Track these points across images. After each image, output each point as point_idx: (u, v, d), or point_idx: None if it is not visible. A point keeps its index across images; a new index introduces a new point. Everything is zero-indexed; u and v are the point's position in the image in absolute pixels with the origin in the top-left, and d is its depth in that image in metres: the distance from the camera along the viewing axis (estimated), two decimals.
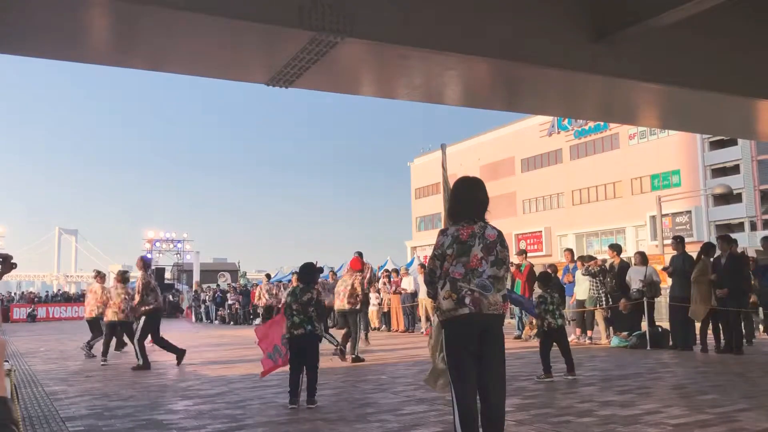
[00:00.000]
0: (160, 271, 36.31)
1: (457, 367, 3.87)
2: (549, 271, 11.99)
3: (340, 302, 10.50)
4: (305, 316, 6.47)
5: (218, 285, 34.86)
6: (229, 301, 26.65)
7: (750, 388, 6.78)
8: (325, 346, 7.74)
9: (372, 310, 19.61)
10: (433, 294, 4.08)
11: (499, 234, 4.05)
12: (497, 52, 7.39)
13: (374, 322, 19.36)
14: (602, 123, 48.60)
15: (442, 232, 4.06)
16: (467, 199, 4.11)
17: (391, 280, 18.78)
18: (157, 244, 49.48)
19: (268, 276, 23.60)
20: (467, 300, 3.81)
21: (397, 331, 17.84)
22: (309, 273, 6.78)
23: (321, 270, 6.98)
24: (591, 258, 12.86)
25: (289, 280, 20.39)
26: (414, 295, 17.50)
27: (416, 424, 5.31)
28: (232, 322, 25.64)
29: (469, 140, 63.78)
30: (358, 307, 10.49)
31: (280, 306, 17.25)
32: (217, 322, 26.98)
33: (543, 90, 9.01)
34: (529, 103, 10.09)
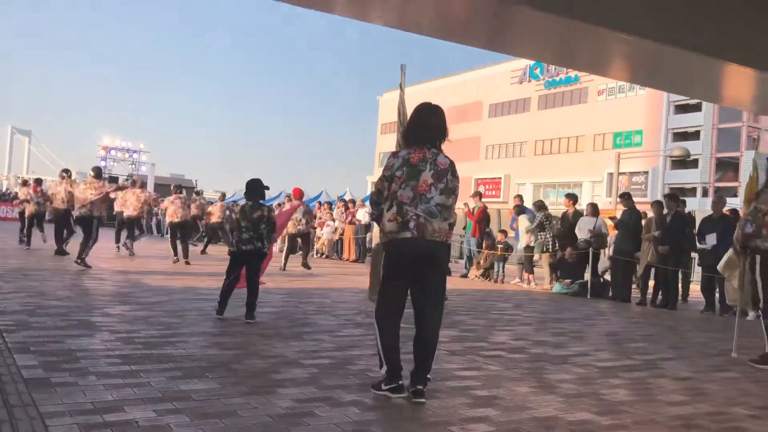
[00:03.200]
0: (113, 180, 35.57)
1: (389, 288, 3.92)
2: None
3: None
4: (255, 233, 6.43)
5: None
6: None
7: (678, 339, 7.03)
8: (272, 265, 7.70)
9: (325, 238, 19.68)
10: (376, 215, 4.03)
11: (451, 163, 3.99)
12: None
13: (326, 250, 19.45)
14: (573, 76, 48.63)
15: (393, 155, 4.00)
16: (423, 124, 4.04)
17: (347, 210, 18.78)
18: (113, 152, 48.30)
19: (223, 195, 23.37)
20: (411, 224, 3.79)
21: (348, 260, 17.97)
22: (256, 189, 6.65)
23: (267, 188, 6.90)
24: (542, 206, 13.02)
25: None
26: (368, 226, 17.56)
27: (351, 345, 5.36)
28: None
29: (438, 80, 63.13)
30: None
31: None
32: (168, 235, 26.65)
33: (519, 30, 8.83)
34: (502, 42, 9.87)
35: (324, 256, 19.34)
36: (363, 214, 17.96)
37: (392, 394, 3.77)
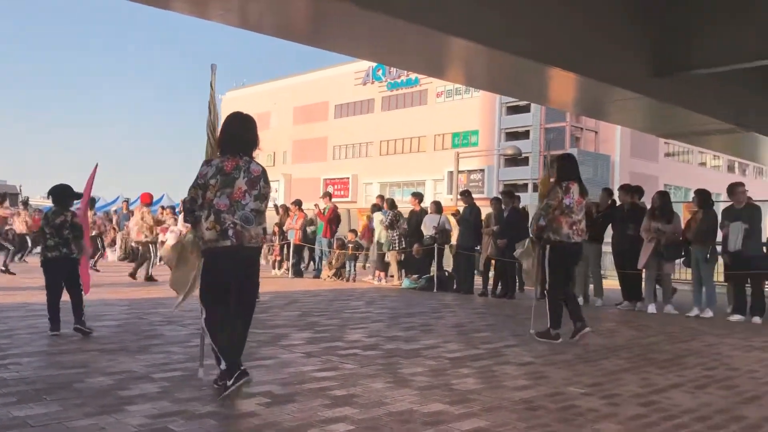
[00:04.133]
0: None
1: (213, 295, 4.07)
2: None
3: (136, 235, 12.49)
4: (60, 239, 6.18)
5: None
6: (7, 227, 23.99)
7: (517, 327, 7.51)
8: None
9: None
10: (192, 221, 4.14)
11: (263, 170, 4.19)
12: None
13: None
14: (413, 78, 50.33)
15: (206, 163, 4.13)
16: (237, 134, 4.19)
17: None
18: None
19: (27, 200, 21.65)
20: (230, 232, 3.95)
21: None
22: (60, 195, 6.38)
23: (78, 195, 6.59)
24: (393, 204, 13.38)
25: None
26: None
27: (203, 355, 5.17)
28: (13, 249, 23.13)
29: (285, 79, 62.78)
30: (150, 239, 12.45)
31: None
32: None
33: (354, 30, 8.98)
34: (342, 42, 9.99)
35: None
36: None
37: (238, 380, 3.80)
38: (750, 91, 12.87)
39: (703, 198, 9.29)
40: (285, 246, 15.29)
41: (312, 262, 15.40)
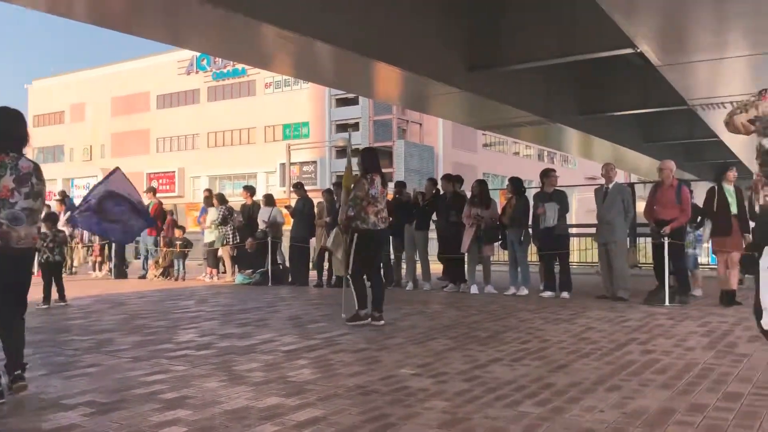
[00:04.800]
0: None
1: None
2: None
3: None
4: None
5: None
6: None
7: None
8: None
9: None
10: None
11: (36, 166, 4.12)
12: None
13: None
14: (240, 68, 49.28)
15: None
16: (4, 130, 4.07)
17: None
18: None
19: None
20: None
21: None
22: None
23: None
24: (223, 198, 13.05)
25: None
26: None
27: None
28: None
29: (100, 68, 58.66)
30: None
31: None
32: None
33: (175, 19, 8.66)
34: (161, 32, 9.57)
35: None
36: None
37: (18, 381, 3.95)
38: (555, 86, 14.14)
39: (516, 185, 10.06)
40: (106, 246, 14.36)
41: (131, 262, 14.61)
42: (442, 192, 10.86)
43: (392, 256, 11.29)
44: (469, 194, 10.49)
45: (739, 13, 7.94)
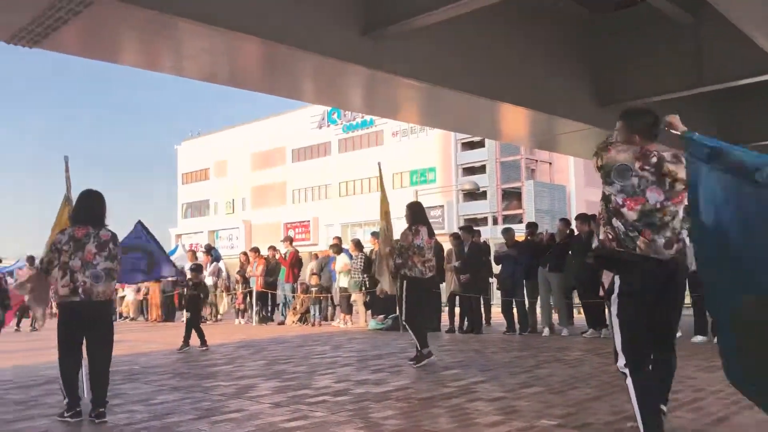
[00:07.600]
0: None
1: (66, 344, 4.88)
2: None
3: None
4: None
5: None
6: None
7: (486, 362, 7.50)
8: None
9: (128, 299, 18.41)
10: (45, 275, 5.03)
11: (113, 235, 5.04)
12: (267, 32, 7.26)
13: (131, 312, 18.23)
14: (368, 120, 50.83)
15: (62, 232, 4.99)
16: (86, 207, 5.06)
17: None
18: None
19: None
20: (80, 289, 4.76)
21: (155, 321, 16.93)
22: None
23: None
24: (360, 245, 13.33)
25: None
26: (175, 283, 16.72)
27: (169, 412, 5.04)
28: None
29: (240, 126, 62.70)
30: None
31: None
32: None
33: (309, 76, 9.09)
34: (293, 88, 10.07)
35: (129, 319, 18.10)
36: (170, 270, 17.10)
37: (72, 419, 4.74)
38: (690, 117, 13.30)
39: None
40: (248, 294, 15.08)
41: (276, 309, 15.21)
42: (576, 233, 10.48)
43: (526, 302, 10.98)
44: None
45: None
